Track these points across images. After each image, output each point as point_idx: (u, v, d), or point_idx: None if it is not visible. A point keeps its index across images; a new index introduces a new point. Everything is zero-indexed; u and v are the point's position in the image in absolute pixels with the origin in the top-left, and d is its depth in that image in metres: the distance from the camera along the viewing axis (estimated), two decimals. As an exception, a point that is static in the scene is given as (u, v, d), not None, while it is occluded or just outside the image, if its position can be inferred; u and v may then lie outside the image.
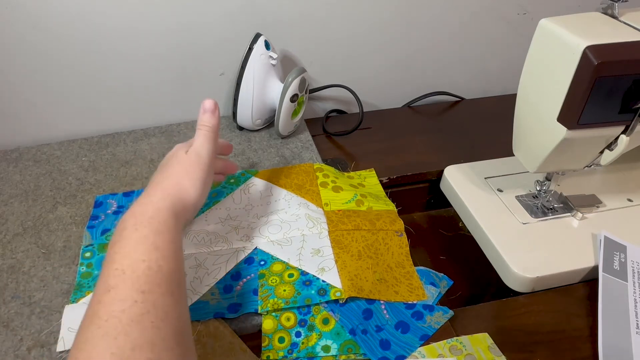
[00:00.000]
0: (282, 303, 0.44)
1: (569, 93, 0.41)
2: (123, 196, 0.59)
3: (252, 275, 0.48)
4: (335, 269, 0.47)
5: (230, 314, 0.44)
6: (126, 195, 0.59)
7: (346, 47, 0.75)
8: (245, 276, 0.48)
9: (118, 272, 0.33)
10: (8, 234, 0.53)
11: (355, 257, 0.49)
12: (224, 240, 0.51)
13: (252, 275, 0.48)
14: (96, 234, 0.53)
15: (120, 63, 0.67)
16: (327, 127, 0.74)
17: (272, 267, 0.48)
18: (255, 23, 0.68)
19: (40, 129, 0.70)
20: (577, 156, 0.48)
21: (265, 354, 0.42)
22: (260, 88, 0.65)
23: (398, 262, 0.50)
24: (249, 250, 0.50)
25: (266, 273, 0.48)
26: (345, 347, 0.42)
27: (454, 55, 0.81)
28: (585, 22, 0.43)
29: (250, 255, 0.50)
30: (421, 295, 0.46)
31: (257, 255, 0.50)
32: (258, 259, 0.49)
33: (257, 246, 0.51)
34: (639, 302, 0.45)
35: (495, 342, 0.43)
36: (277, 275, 0.47)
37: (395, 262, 0.50)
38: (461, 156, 0.65)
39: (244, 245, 0.51)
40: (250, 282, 0.47)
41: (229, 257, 0.49)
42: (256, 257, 0.50)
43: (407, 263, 0.50)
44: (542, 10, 0.78)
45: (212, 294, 0.46)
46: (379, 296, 0.46)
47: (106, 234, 0.52)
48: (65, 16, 0.61)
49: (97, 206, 0.57)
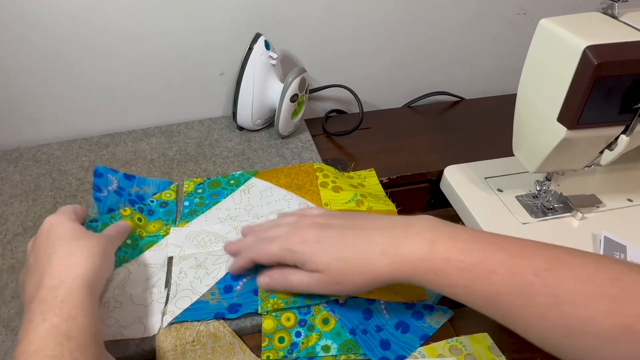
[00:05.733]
0: (282, 303, 0.44)
1: (569, 93, 0.41)
2: (124, 177, 0.58)
3: (252, 275, 0.48)
4: None
5: (231, 314, 0.44)
6: (127, 178, 0.58)
7: (346, 47, 0.75)
8: (245, 276, 0.48)
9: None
10: (8, 234, 0.53)
11: None
12: (224, 240, 0.51)
13: (252, 275, 0.48)
14: (103, 208, 0.53)
15: (120, 63, 0.67)
16: (327, 127, 0.74)
17: None
18: (255, 23, 0.68)
19: (40, 129, 0.70)
20: (577, 156, 0.48)
21: (265, 354, 0.42)
22: (260, 88, 0.65)
23: None
24: None
25: None
26: (345, 347, 0.42)
27: (454, 55, 0.81)
28: (585, 22, 0.43)
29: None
30: (421, 295, 0.46)
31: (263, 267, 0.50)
32: None
33: None
34: (639, 302, 0.45)
35: (495, 342, 0.43)
36: None
37: None
38: (461, 156, 0.65)
39: None
40: (250, 282, 0.47)
41: (229, 257, 0.49)
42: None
43: None
44: (542, 10, 0.78)
45: (212, 293, 0.46)
46: (379, 296, 0.45)
47: (111, 214, 0.52)
48: (65, 17, 0.61)
49: (98, 176, 0.57)
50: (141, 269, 0.48)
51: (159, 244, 0.51)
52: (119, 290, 0.45)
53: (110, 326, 0.43)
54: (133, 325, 0.43)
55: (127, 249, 0.49)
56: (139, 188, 0.58)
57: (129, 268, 0.48)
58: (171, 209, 0.56)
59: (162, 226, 0.54)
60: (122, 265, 0.48)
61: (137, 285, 0.46)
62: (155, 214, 0.55)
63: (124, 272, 0.47)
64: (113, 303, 0.44)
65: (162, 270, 0.48)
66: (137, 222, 0.52)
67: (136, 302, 0.45)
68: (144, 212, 0.54)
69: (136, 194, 0.57)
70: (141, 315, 0.44)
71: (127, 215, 0.52)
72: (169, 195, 0.58)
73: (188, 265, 0.48)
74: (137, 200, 0.56)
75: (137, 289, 0.46)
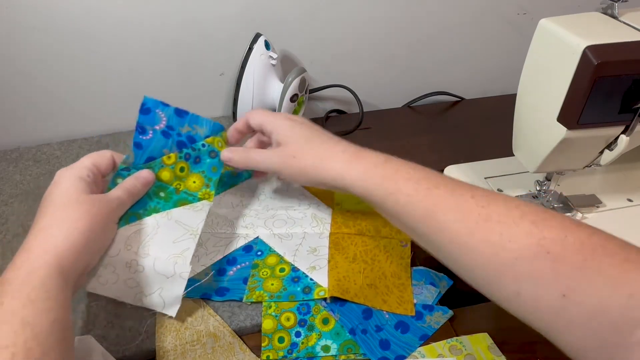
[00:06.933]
0: (266, 296, 0.45)
1: (569, 93, 0.41)
2: (175, 113, 0.47)
3: (246, 263, 0.49)
4: (326, 269, 0.48)
5: (217, 296, 0.45)
6: (178, 115, 0.47)
7: (346, 47, 0.75)
8: (240, 263, 0.49)
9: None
10: (8, 234, 0.53)
11: (350, 259, 0.49)
12: (230, 224, 0.52)
13: (247, 263, 0.49)
14: (142, 157, 0.46)
15: (120, 63, 0.67)
16: (327, 127, 0.73)
17: (266, 259, 0.49)
18: (255, 23, 0.68)
19: (40, 129, 0.70)
20: (577, 156, 0.48)
21: (265, 354, 0.42)
22: (260, 88, 0.65)
23: (395, 272, 0.49)
24: (250, 238, 0.51)
25: (260, 264, 0.49)
26: (345, 347, 0.42)
27: (454, 55, 0.81)
28: (585, 22, 0.43)
29: (249, 243, 0.51)
30: (409, 310, 0.45)
31: (256, 245, 0.51)
32: (256, 248, 0.50)
33: (259, 236, 0.51)
34: (639, 302, 0.45)
35: (495, 342, 0.43)
36: (269, 267, 0.48)
37: (392, 271, 0.49)
38: (461, 156, 0.65)
39: (247, 232, 0.52)
40: (244, 269, 0.48)
41: (229, 242, 0.50)
42: (255, 246, 0.50)
43: (404, 274, 0.49)
44: (542, 10, 0.78)
45: (206, 274, 0.47)
46: (365, 301, 0.45)
47: (150, 163, 0.46)
48: (65, 17, 0.61)
49: (145, 113, 0.46)
50: (171, 227, 0.44)
51: (194, 205, 0.47)
52: (143, 250, 0.42)
53: (131, 287, 0.42)
54: (153, 296, 0.42)
55: (160, 200, 0.46)
56: (191, 127, 0.48)
57: (158, 221, 0.44)
58: (218, 164, 0.49)
59: (203, 186, 0.48)
60: (151, 215, 0.44)
61: (163, 248, 0.43)
62: (202, 164, 0.49)
63: (152, 225, 0.44)
64: (135, 266, 0.41)
65: (193, 239, 0.44)
66: (177, 173, 0.47)
67: (159, 270, 0.42)
68: (190, 160, 0.48)
69: (187, 134, 0.48)
70: (162, 287, 0.42)
71: (170, 163, 0.47)
72: (220, 145, 0.49)
73: None
74: (186, 142, 0.48)
75: (161, 254, 0.42)
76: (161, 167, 0.47)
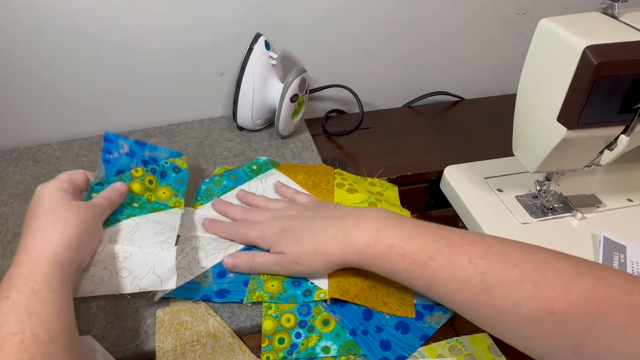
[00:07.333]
0: (266, 297, 0.45)
1: (569, 93, 0.41)
2: (135, 143, 0.53)
3: None
4: None
5: (217, 298, 0.45)
6: (138, 144, 0.53)
7: (346, 47, 0.75)
8: None
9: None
10: (8, 234, 0.53)
11: None
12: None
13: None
14: (111, 171, 0.50)
15: (120, 63, 0.67)
16: (327, 127, 0.74)
17: None
18: (255, 23, 0.68)
19: (40, 129, 0.70)
20: (577, 156, 0.48)
21: (265, 355, 0.42)
22: (260, 88, 0.65)
23: None
24: None
25: None
26: (345, 348, 0.42)
27: (454, 55, 0.81)
28: (585, 22, 0.43)
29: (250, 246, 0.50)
30: (409, 312, 0.45)
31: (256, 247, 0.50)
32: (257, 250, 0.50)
33: None
34: (639, 302, 0.45)
35: (495, 342, 0.43)
36: None
37: None
38: (461, 156, 0.65)
39: None
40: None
41: (229, 245, 0.50)
42: (255, 248, 0.50)
43: None
44: (542, 10, 0.78)
45: (206, 276, 0.47)
46: (365, 302, 0.45)
47: (121, 175, 0.50)
48: (65, 17, 0.61)
49: (108, 141, 0.52)
50: (150, 225, 0.47)
51: (168, 211, 0.51)
52: (127, 242, 0.45)
53: (125, 277, 0.43)
54: (148, 277, 0.43)
55: (135, 209, 0.49)
56: (151, 153, 0.55)
57: (137, 222, 0.47)
58: (183, 177, 0.54)
59: (172, 195, 0.52)
60: (130, 218, 0.47)
61: (146, 238, 0.45)
62: (168, 178, 0.53)
63: (132, 224, 0.47)
64: (122, 254, 0.44)
65: (173, 232, 0.47)
66: (147, 185, 0.51)
67: (146, 251, 0.44)
68: (156, 174, 0.53)
69: (149, 156, 0.54)
70: (153, 266, 0.43)
71: (138, 176, 0.51)
72: (181, 163, 0.55)
73: (190, 246, 0.49)
74: (150, 161, 0.54)
75: (145, 241, 0.45)
76: (131, 179, 0.50)
